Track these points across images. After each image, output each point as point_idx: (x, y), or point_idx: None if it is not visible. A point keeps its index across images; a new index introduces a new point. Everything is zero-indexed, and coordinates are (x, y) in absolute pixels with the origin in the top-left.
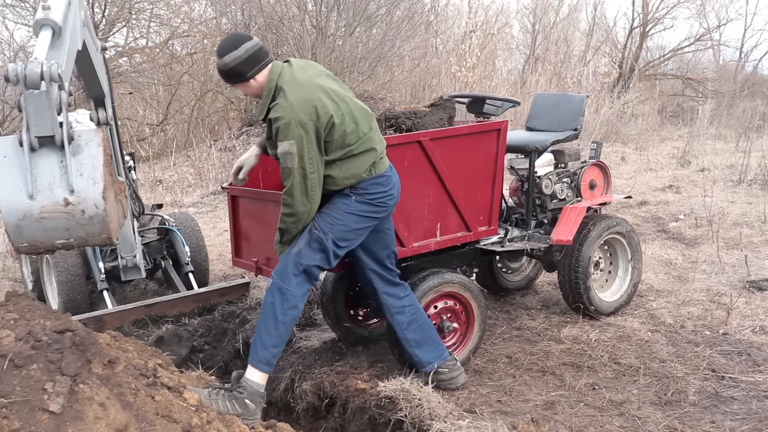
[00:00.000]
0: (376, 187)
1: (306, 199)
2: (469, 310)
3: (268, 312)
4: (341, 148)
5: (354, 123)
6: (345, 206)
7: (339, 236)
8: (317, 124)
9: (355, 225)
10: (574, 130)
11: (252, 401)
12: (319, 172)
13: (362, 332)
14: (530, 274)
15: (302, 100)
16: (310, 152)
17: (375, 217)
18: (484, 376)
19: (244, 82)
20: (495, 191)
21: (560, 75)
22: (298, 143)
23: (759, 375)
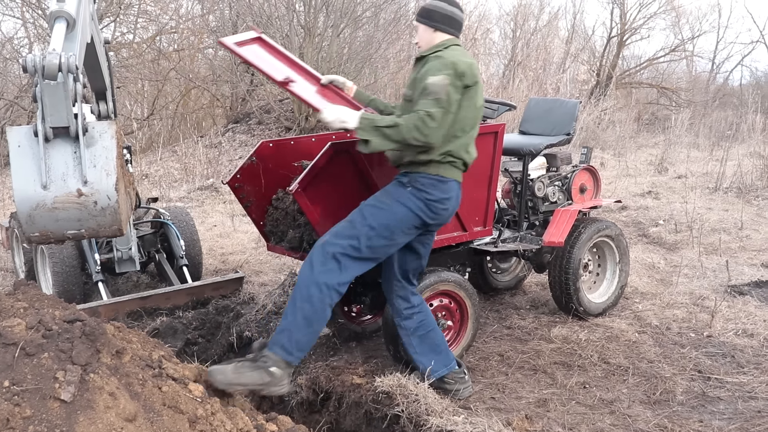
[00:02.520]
0: (437, 189)
1: (438, 132)
2: (464, 308)
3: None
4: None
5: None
6: (397, 194)
7: (378, 225)
8: (466, 80)
9: (399, 220)
10: (567, 134)
11: (278, 367)
12: (450, 120)
13: (356, 329)
14: (519, 275)
15: (463, 60)
16: (456, 95)
17: (423, 221)
18: (477, 374)
19: (429, 27)
20: (491, 193)
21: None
22: (452, 82)
23: (743, 376)
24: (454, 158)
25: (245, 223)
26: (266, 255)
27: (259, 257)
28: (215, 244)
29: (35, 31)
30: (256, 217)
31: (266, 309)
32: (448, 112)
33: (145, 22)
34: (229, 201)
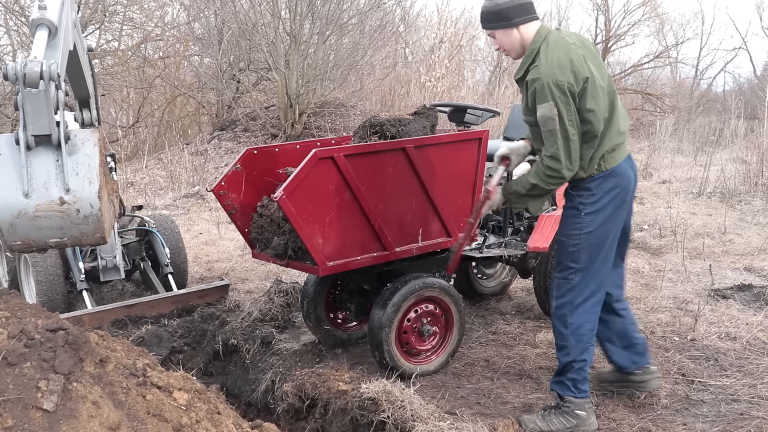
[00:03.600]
0: (605, 183)
1: (570, 162)
2: (449, 314)
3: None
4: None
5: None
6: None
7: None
8: (572, 87)
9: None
10: None
11: (582, 410)
12: (580, 133)
13: (341, 335)
14: (504, 280)
15: (561, 63)
16: (570, 114)
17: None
18: (463, 379)
19: (506, 28)
20: (475, 198)
21: None
22: (557, 105)
23: (726, 379)
24: (611, 149)
25: (231, 231)
26: (252, 262)
27: (245, 265)
28: (201, 251)
29: (19, 39)
30: (241, 224)
31: (252, 316)
32: (570, 138)
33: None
34: (214, 209)
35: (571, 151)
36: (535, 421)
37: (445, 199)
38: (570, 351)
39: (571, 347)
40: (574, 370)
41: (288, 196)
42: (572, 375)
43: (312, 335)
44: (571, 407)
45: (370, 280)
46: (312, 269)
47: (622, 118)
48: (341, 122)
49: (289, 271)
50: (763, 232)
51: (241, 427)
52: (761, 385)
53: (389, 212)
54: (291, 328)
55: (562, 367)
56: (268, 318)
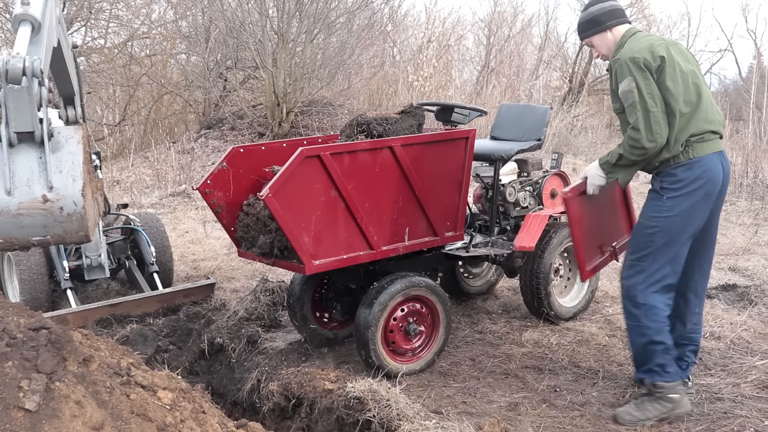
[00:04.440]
0: (687, 171)
1: (650, 133)
2: (435, 313)
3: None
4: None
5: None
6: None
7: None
8: (648, 63)
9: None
10: (538, 140)
11: (675, 392)
12: (662, 108)
13: (328, 334)
14: (491, 279)
15: (641, 46)
16: (648, 87)
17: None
18: (449, 378)
19: (600, 32)
20: (462, 197)
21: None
22: (635, 79)
23: (710, 378)
24: (698, 135)
25: (217, 230)
26: (238, 261)
27: (231, 263)
28: (187, 250)
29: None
30: (227, 222)
31: (238, 315)
32: (649, 110)
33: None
34: (201, 207)
35: (651, 123)
36: (630, 412)
37: (431, 198)
38: (645, 331)
39: (645, 327)
40: (658, 353)
41: (274, 194)
42: (658, 360)
43: (298, 334)
44: (664, 392)
45: (356, 279)
46: (298, 268)
47: (711, 108)
48: (329, 121)
49: (276, 270)
50: (747, 232)
51: (227, 427)
52: (745, 384)
53: (376, 211)
54: (277, 327)
55: (643, 353)
56: (254, 317)
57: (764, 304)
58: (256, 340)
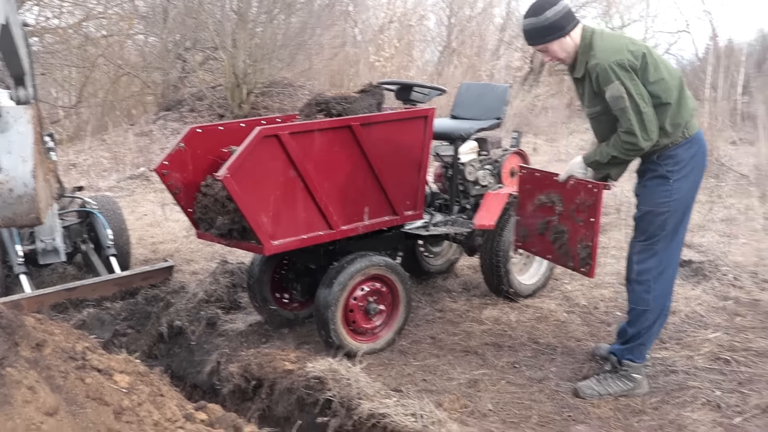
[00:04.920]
0: (686, 151)
1: (646, 133)
2: (395, 292)
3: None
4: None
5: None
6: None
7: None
8: (633, 63)
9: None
10: (497, 119)
11: (639, 373)
12: (651, 105)
13: (288, 315)
14: (451, 258)
15: (615, 46)
16: (637, 89)
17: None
18: (410, 356)
19: (560, 38)
20: (421, 176)
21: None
22: (623, 83)
23: (665, 351)
24: (690, 115)
25: (176, 212)
26: (198, 243)
27: (190, 246)
28: (145, 233)
29: None
30: (184, 204)
31: (197, 297)
32: (642, 111)
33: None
34: (160, 190)
35: (645, 123)
36: (592, 386)
37: (391, 178)
38: (649, 316)
39: (651, 312)
40: (647, 336)
41: (232, 174)
42: (642, 341)
43: (258, 315)
44: (629, 371)
45: (316, 259)
46: (257, 249)
47: (690, 98)
48: (290, 102)
49: (235, 252)
50: (702, 209)
51: (185, 409)
52: (698, 356)
53: (335, 190)
54: (237, 308)
55: (635, 333)
56: (213, 299)
57: (717, 279)
58: (215, 322)
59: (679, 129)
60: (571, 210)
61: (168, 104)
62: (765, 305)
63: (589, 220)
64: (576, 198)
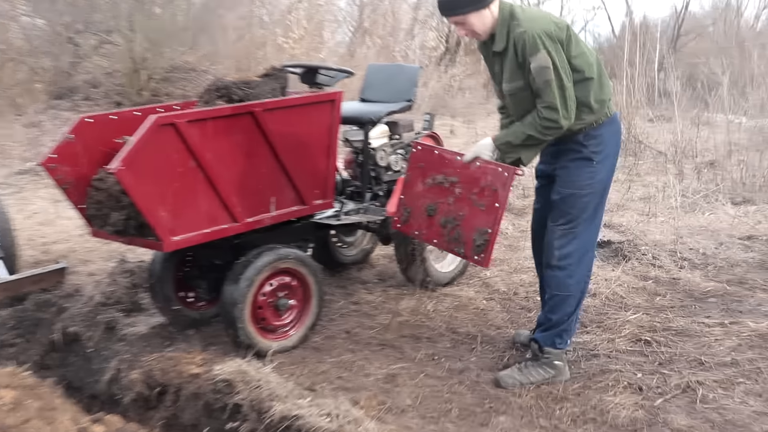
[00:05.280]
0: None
1: (566, 111)
2: (306, 285)
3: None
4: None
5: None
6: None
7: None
8: (559, 35)
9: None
10: (408, 101)
11: (560, 360)
12: (572, 83)
13: (193, 315)
14: (366, 248)
15: (540, 16)
16: (562, 62)
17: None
18: (324, 353)
19: (480, 9)
20: (330, 163)
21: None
22: (549, 53)
23: (587, 335)
24: (599, 102)
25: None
26: (94, 242)
27: (86, 245)
28: (36, 233)
29: None
30: (76, 200)
31: (94, 300)
32: (565, 86)
33: None
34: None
35: (567, 100)
36: (513, 375)
37: (298, 165)
38: (571, 302)
39: (572, 297)
40: (569, 322)
41: (126, 166)
42: (565, 327)
43: (161, 317)
44: (551, 358)
45: (221, 254)
46: (156, 245)
47: (607, 78)
48: (193, 88)
49: (136, 250)
50: (621, 189)
51: (80, 423)
52: (619, 339)
53: (238, 181)
54: (138, 310)
55: (558, 319)
56: (112, 301)
57: (637, 259)
58: (114, 327)
59: (603, 106)
60: (472, 193)
61: (59, 92)
62: (684, 284)
63: (493, 206)
64: (481, 181)
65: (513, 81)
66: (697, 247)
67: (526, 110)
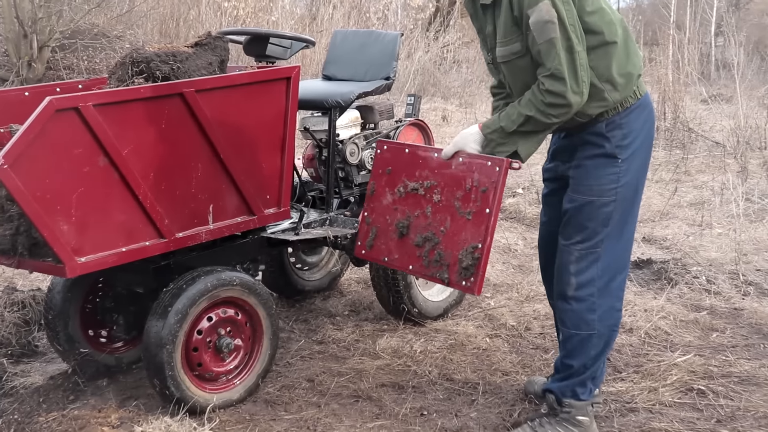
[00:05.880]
0: (631, 121)
1: (576, 83)
2: (256, 320)
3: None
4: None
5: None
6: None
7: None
8: None
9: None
10: (386, 79)
11: (585, 414)
12: (585, 48)
13: (107, 359)
14: (333, 271)
15: None
16: (571, 18)
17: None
18: (279, 408)
19: None
20: (285, 161)
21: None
22: (554, 3)
23: (621, 383)
24: (641, 71)
25: None
26: None
27: None
28: None
29: None
30: None
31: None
32: (574, 49)
33: None
34: None
35: (577, 68)
36: None
37: (243, 164)
38: (596, 342)
39: (597, 337)
40: (595, 367)
41: (11, 164)
42: (590, 374)
43: (63, 363)
44: (572, 413)
45: (143, 279)
46: (55, 269)
47: (636, 46)
48: (103, 60)
49: (27, 275)
50: (666, 190)
51: None
52: (664, 388)
53: (165, 184)
54: (32, 355)
55: (580, 366)
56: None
57: (686, 283)
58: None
59: (631, 82)
60: (455, 199)
61: None
62: (749, 315)
63: (483, 213)
64: (466, 182)
65: (507, 43)
66: (766, 268)
67: (526, 85)
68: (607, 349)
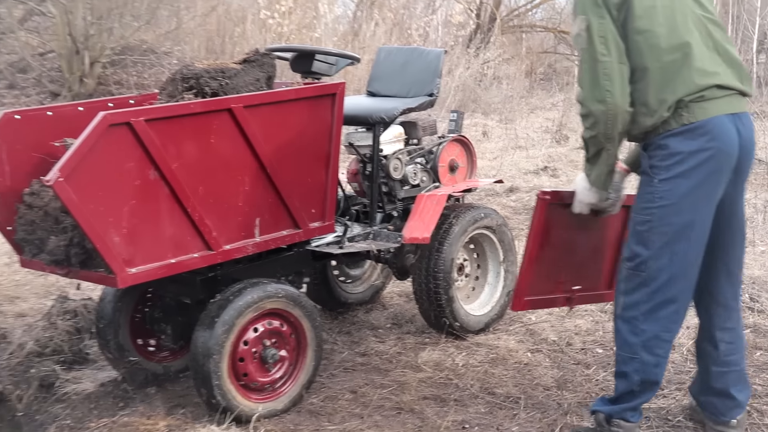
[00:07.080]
0: (684, 143)
1: (597, 90)
2: (300, 332)
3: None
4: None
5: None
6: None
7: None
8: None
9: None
10: (430, 95)
11: None
12: (620, 58)
13: (155, 368)
14: (376, 284)
15: None
16: (601, 29)
17: None
18: (323, 419)
19: None
20: (330, 175)
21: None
22: (587, 17)
23: (663, 400)
24: (695, 93)
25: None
26: (24, 273)
27: (15, 277)
28: None
29: None
30: (2, 220)
31: (25, 350)
32: (598, 59)
33: None
34: None
35: (598, 76)
36: None
37: (289, 178)
38: (639, 367)
39: (640, 362)
40: (645, 395)
41: (67, 178)
42: (637, 400)
43: (113, 371)
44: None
45: (191, 290)
46: (107, 279)
47: (711, 54)
48: (152, 75)
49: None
50: None
51: None
52: None
53: (213, 197)
54: (83, 362)
55: (623, 389)
56: (49, 350)
57: None
58: (52, 383)
59: (666, 107)
60: None
61: None
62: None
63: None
64: None
65: None
66: None
67: None
68: (652, 380)
